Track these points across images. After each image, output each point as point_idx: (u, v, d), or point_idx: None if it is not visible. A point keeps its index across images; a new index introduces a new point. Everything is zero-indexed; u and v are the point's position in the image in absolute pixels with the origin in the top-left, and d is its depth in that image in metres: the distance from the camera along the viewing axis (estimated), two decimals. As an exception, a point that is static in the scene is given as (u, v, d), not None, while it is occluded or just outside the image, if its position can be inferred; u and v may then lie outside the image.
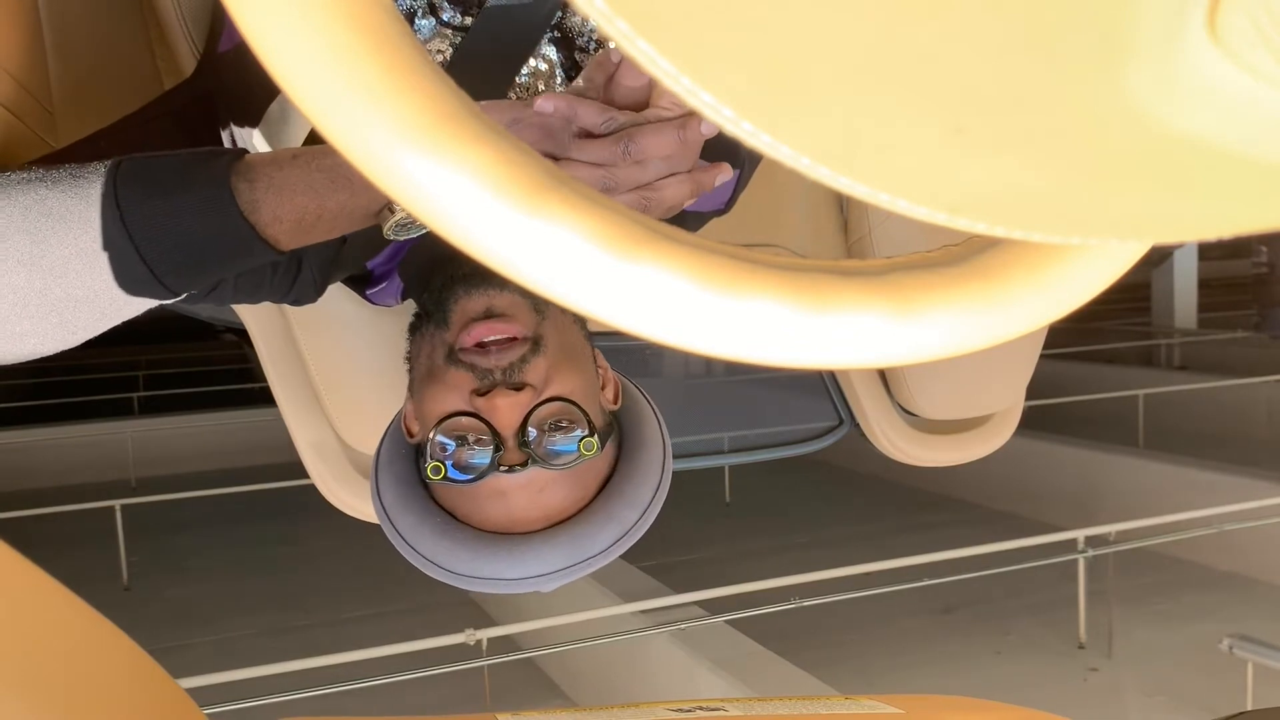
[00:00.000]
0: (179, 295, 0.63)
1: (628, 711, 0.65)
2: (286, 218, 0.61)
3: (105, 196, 0.59)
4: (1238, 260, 12.84)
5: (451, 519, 0.77)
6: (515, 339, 0.75)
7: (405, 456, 0.82)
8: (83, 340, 0.64)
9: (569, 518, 0.76)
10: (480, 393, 0.74)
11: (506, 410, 0.73)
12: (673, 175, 0.65)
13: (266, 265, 0.75)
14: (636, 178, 0.64)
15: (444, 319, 0.77)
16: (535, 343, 0.76)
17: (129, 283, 0.60)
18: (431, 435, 0.74)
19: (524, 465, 0.73)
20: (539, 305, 0.78)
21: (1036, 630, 4.83)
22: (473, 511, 0.76)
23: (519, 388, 0.74)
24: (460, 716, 0.67)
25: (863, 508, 7.00)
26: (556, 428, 0.74)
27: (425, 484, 0.79)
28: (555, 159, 0.63)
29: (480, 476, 0.73)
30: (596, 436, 0.74)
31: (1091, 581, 4.45)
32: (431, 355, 0.77)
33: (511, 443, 0.73)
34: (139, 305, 0.63)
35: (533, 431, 0.73)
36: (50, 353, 0.64)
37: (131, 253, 0.59)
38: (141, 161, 0.62)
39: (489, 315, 0.75)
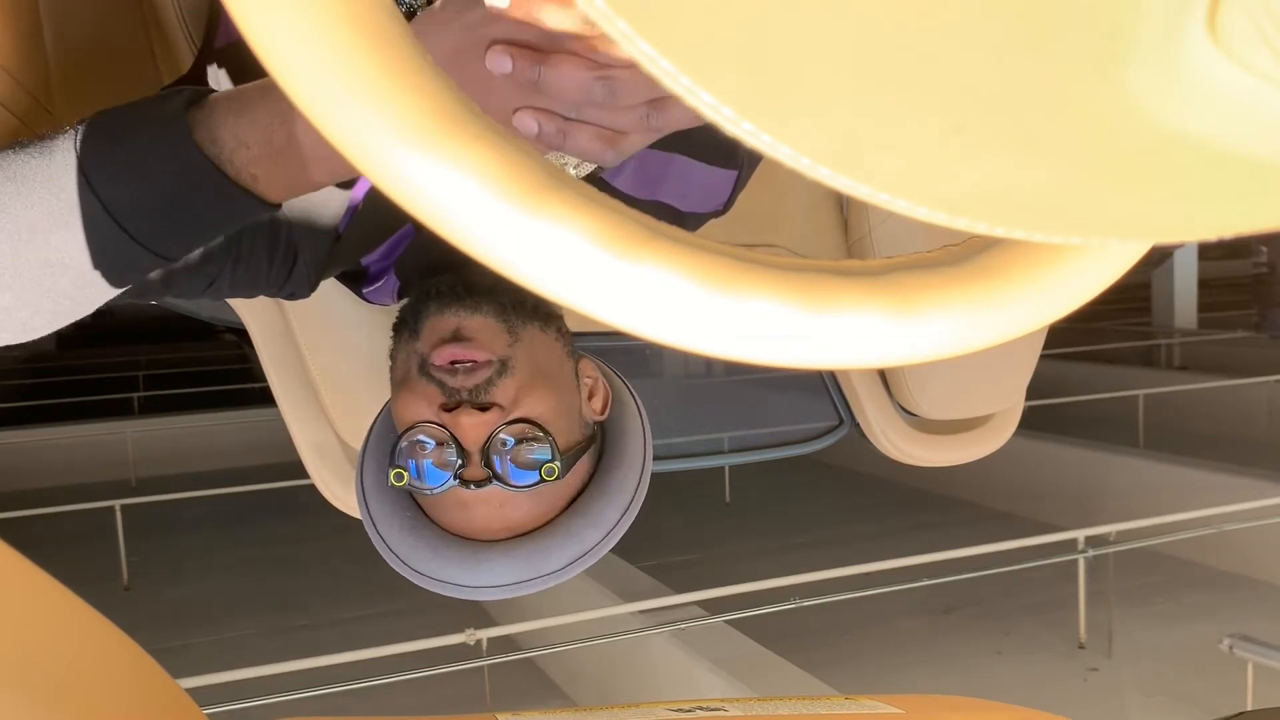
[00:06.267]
0: (159, 255, 0.59)
1: (628, 711, 0.65)
2: (252, 141, 0.56)
3: (71, 153, 0.56)
4: (1238, 260, 12.85)
5: (421, 516, 0.78)
6: (479, 363, 0.75)
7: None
8: (76, 316, 0.61)
9: (532, 530, 0.76)
10: (447, 408, 0.74)
11: (470, 428, 0.73)
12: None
13: (263, 256, 0.75)
14: (610, 117, 0.53)
15: (416, 331, 0.77)
16: (503, 365, 0.75)
17: (101, 245, 0.57)
18: (398, 442, 0.75)
19: (486, 482, 0.73)
20: (513, 326, 0.77)
21: (1036, 630, 4.82)
22: (438, 516, 0.77)
23: (485, 408, 0.74)
24: (460, 716, 0.67)
25: (863, 508, 6.99)
26: (522, 448, 0.74)
27: None
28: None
29: (441, 488, 0.74)
30: (560, 462, 0.74)
31: (1091, 581, 4.45)
32: (406, 361, 0.78)
33: (475, 459, 0.73)
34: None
35: (497, 450, 0.74)
36: (47, 330, 0.61)
37: (98, 208, 0.56)
38: (105, 113, 0.58)
39: (457, 338, 0.75)
